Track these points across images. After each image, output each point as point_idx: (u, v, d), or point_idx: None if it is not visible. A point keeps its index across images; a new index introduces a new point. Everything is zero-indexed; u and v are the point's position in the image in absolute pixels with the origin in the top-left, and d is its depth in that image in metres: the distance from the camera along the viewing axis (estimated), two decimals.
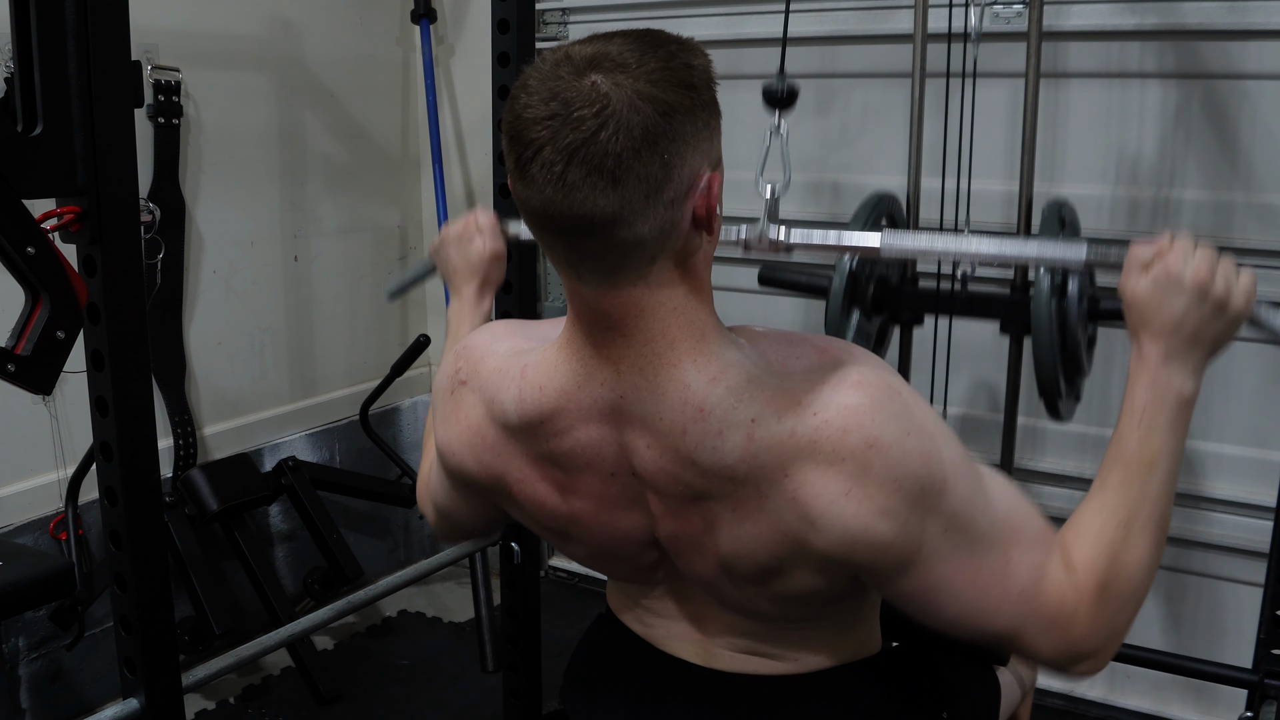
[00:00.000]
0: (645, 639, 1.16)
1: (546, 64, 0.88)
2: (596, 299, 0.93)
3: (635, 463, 0.98)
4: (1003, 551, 0.95)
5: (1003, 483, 0.99)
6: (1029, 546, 0.96)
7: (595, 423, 0.98)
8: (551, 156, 0.85)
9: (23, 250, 1.12)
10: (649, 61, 0.86)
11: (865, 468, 0.90)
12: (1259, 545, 2.05)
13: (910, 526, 0.91)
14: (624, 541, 1.06)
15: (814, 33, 2.39)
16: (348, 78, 2.86)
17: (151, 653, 1.31)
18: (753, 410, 0.91)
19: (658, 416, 0.94)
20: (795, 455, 0.91)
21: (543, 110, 0.85)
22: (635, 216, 0.87)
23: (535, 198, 0.88)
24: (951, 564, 0.93)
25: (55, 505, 2.28)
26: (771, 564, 0.96)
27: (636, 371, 0.95)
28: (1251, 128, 2.06)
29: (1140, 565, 0.97)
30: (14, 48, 1.12)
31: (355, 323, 2.99)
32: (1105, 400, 2.23)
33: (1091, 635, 0.96)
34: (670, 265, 0.92)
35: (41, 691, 2.28)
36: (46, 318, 1.16)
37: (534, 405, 1.00)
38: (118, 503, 1.27)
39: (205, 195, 2.54)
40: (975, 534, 0.94)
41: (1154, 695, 2.33)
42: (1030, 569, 0.95)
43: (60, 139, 1.14)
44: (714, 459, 0.92)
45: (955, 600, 0.95)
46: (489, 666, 2.60)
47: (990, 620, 0.96)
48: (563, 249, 0.92)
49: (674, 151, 0.86)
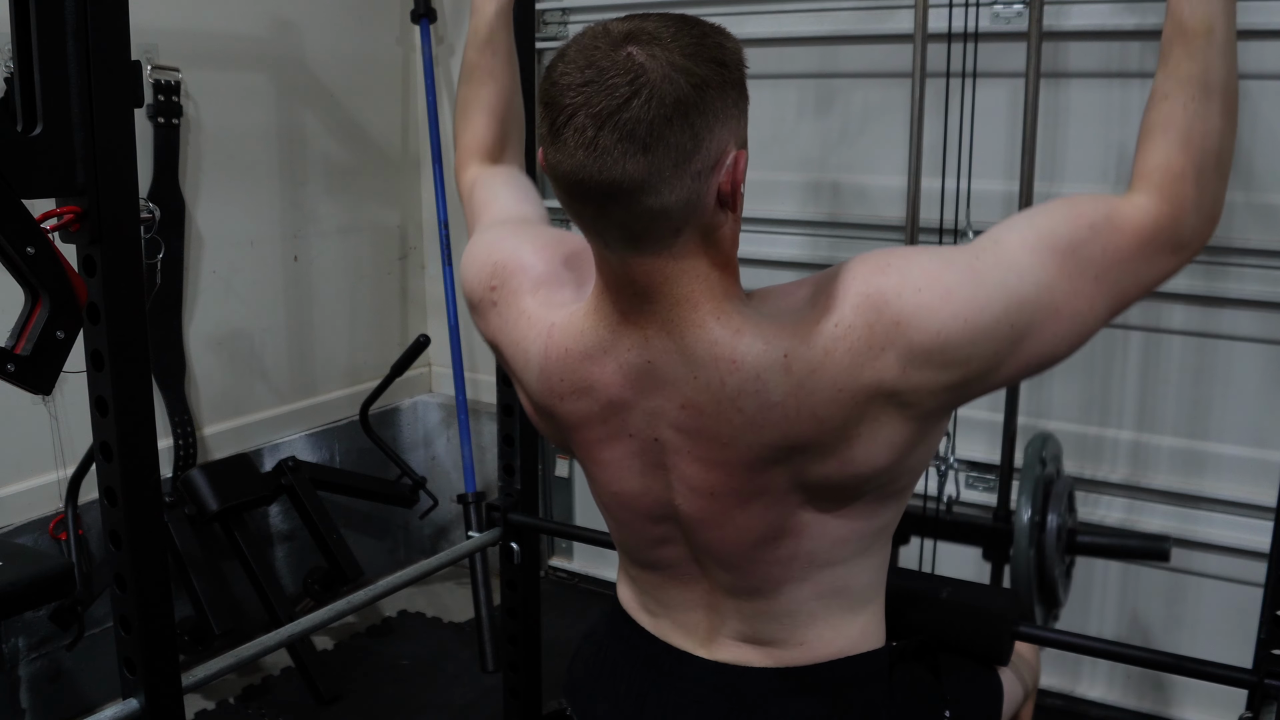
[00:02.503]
0: (651, 631, 1.18)
1: (585, 38, 0.92)
2: (622, 266, 0.96)
3: (661, 427, 1.01)
4: (1063, 275, 0.95)
5: (1021, 227, 0.98)
6: (1077, 247, 0.95)
7: (618, 388, 1.01)
8: (584, 121, 0.88)
9: (22, 250, 1.12)
10: (683, 37, 0.89)
11: (909, 341, 0.92)
12: (1259, 545, 2.05)
13: (982, 345, 0.93)
14: (632, 504, 1.08)
15: (814, 33, 2.39)
16: (348, 78, 2.86)
17: (151, 653, 1.31)
18: (783, 346, 0.94)
19: (691, 376, 0.97)
20: (834, 364, 0.93)
21: (578, 77, 0.89)
22: (663, 184, 0.89)
23: (566, 162, 0.91)
24: (1035, 325, 0.94)
25: (55, 505, 2.28)
26: (848, 425, 0.96)
27: (665, 335, 0.98)
28: (1251, 128, 2.06)
29: (1217, 133, 0.97)
30: (14, 48, 1.12)
31: (355, 323, 2.99)
32: (1105, 400, 2.23)
33: (1192, 221, 0.96)
34: (695, 239, 0.95)
35: (41, 691, 2.28)
36: (46, 318, 1.16)
37: (558, 366, 1.04)
38: (118, 503, 1.26)
39: (205, 195, 2.54)
40: (1035, 292, 0.94)
41: (1154, 695, 2.33)
42: (1096, 256, 0.95)
43: (60, 139, 1.14)
44: (759, 401, 0.95)
45: (1055, 334, 0.96)
46: (489, 666, 2.60)
47: (1089, 318, 0.97)
48: (591, 216, 0.95)
49: (704, 124, 0.89)
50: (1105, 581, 2.33)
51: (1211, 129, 0.97)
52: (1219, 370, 2.15)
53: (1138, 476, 2.23)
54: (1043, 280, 0.94)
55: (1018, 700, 1.44)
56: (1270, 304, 2.07)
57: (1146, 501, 2.24)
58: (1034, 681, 1.55)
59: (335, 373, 2.95)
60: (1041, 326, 0.95)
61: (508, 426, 1.95)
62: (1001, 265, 0.95)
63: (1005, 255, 0.95)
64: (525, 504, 1.97)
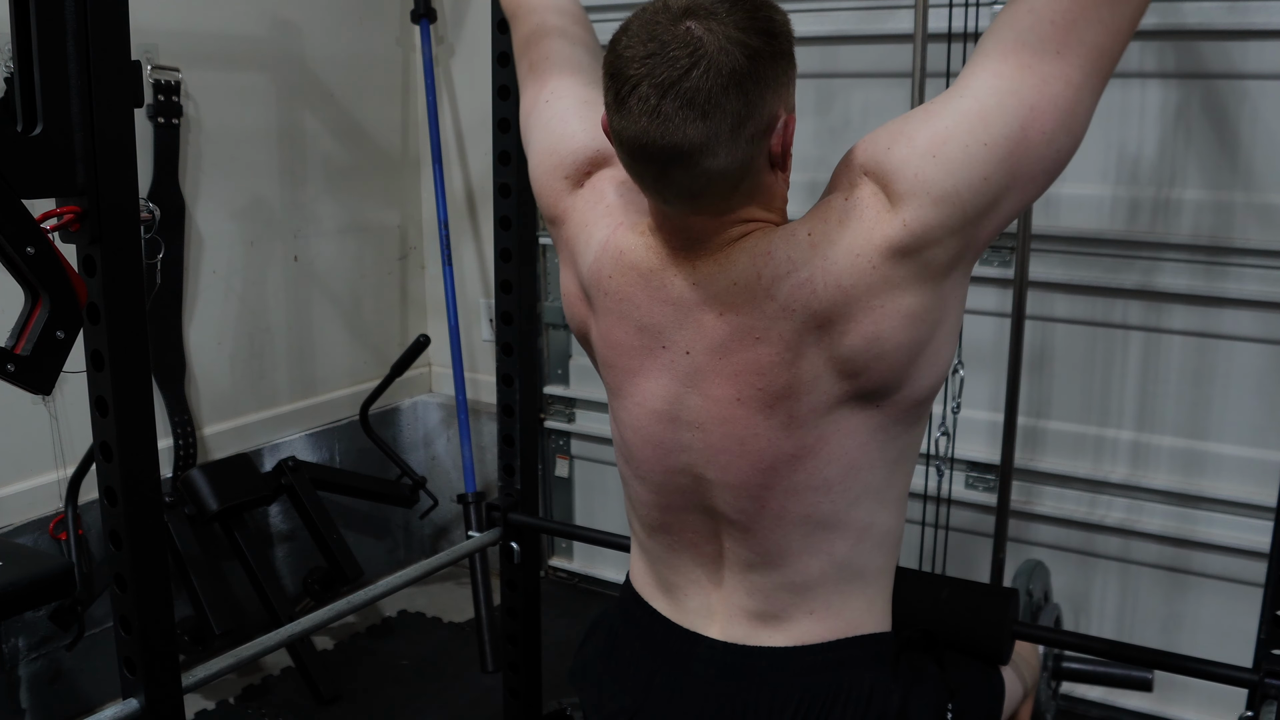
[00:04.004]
0: (662, 613, 1.19)
1: (646, 13, 0.99)
2: (680, 217, 1.05)
3: (696, 348, 1.07)
4: (1008, 56, 0.98)
5: (973, 86, 1.01)
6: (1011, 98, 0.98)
7: (659, 315, 1.08)
8: (647, 91, 0.95)
9: (22, 250, 1.12)
10: (737, 12, 0.96)
11: (901, 179, 0.99)
12: (1259, 545, 2.05)
13: (949, 165, 0.98)
14: (653, 438, 1.12)
15: (814, 33, 2.39)
16: (348, 78, 2.86)
17: (151, 653, 1.31)
18: (807, 228, 1.03)
19: (731, 282, 1.04)
20: (854, 230, 1.00)
21: (641, 50, 0.96)
22: (720, 147, 0.96)
23: (631, 128, 0.98)
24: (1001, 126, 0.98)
25: (55, 505, 2.28)
26: (872, 293, 1.01)
27: (712, 262, 1.06)
28: (1251, 128, 2.06)
29: None
30: (14, 48, 1.12)
31: (355, 323, 2.99)
32: (1105, 400, 2.23)
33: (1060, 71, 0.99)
34: (749, 197, 1.04)
35: (41, 691, 2.28)
36: (46, 318, 1.16)
37: (611, 263, 1.11)
38: (118, 503, 1.27)
39: (205, 195, 2.54)
40: (986, 95, 0.98)
41: (1154, 695, 2.32)
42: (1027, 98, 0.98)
43: (60, 139, 1.14)
44: (791, 282, 1.02)
45: (1045, 129, 0.98)
46: (489, 666, 2.60)
47: None
48: (653, 177, 1.01)
49: (756, 92, 0.96)
50: (1105, 581, 2.33)
51: None
52: (1219, 370, 2.15)
53: (1138, 476, 2.23)
54: (1003, 87, 0.98)
55: (1017, 698, 1.45)
56: (1270, 304, 2.07)
57: (1146, 501, 2.24)
58: (1033, 680, 1.55)
59: (335, 373, 2.95)
60: (1026, 133, 0.97)
61: (508, 426, 1.95)
62: (954, 95, 1.00)
63: (958, 87, 1.01)
64: (525, 504, 1.97)
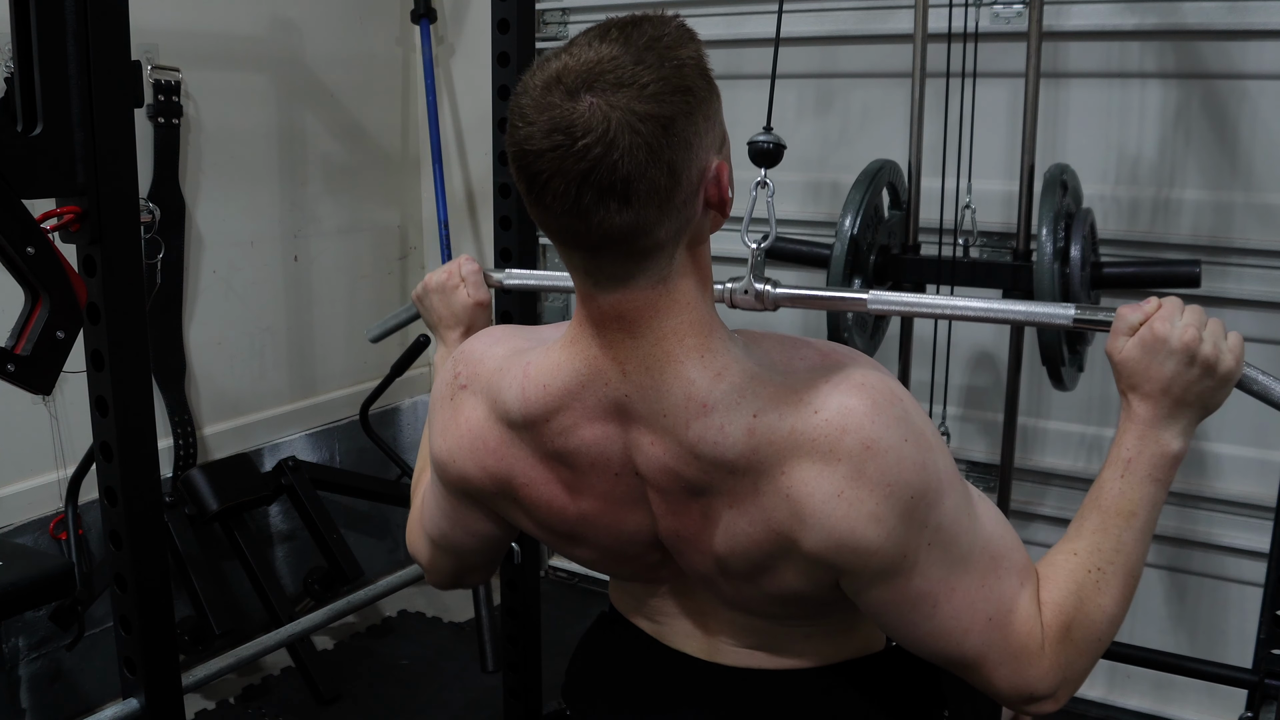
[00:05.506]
0: (650, 634, 1.17)
1: (537, 86, 0.88)
2: (612, 302, 0.94)
3: (639, 461, 0.99)
4: (981, 575, 0.95)
5: (990, 508, 1.00)
6: (1006, 574, 0.96)
7: (600, 421, 0.99)
8: (562, 186, 0.86)
9: (23, 250, 1.12)
10: (643, 74, 0.86)
11: (860, 470, 0.90)
12: (1259, 545, 2.05)
13: (897, 535, 0.91)
14: (630, 541, 1.06)
15: (814, 33, 2.40)
16: (348, 78, 2.86)
17: (151, 653, 1.31)
18: (755, 405, 0.92)
19: (662, 414, 0.95)
20: (793, 451, 0.91)
21: (546, 142, 0.86)
22: (652, 225, 0.89)
23: (553, 222, 0.90)
24: (930, 578, 0.94)
25: (55, 505, 2.28)
26: (763, 561, 0.97)
27: (643, 371, 0.95)
28: (1251, 128, 2.06)
29: (1106, 614, 0.99)
30: (14, 48, 1.13)
31: (355, 323, 2.99)
32: (1105, 400, 2.23)
33: (1049, 676, 0.97)
34: (685, 253, 0.94)
35: (41, 691, 2.28)
36: (46, 318, 1.16)
37: (538, 402, 1.00)
38: (118, 503, 1.27)
39: (205, 195, 2.54)
40: (958, 552, 0.94)
41: (1154, 695, 2.33)
42: (1004, 598, 0.96)
43: (60, 139, 1.14)
44: (715, 452, 0.93)
45: (928, 617, 0.95)
46: (489, 666, 2.60)
47: (957, 643, 0.96)
48: (582, 260, 0.93)
49: (679, 158, 0.88)
50: None
51: (1105, 607, 0.98)
52: None
53: None
54: (1005, 593, 0.96)
55: None
56: (1270, 304, 2.07)
57: None
58: None
59: (335, 373, 2.95)
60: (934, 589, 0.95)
61: None
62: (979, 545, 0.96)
63: (970, 536, 0.96)
64: None
